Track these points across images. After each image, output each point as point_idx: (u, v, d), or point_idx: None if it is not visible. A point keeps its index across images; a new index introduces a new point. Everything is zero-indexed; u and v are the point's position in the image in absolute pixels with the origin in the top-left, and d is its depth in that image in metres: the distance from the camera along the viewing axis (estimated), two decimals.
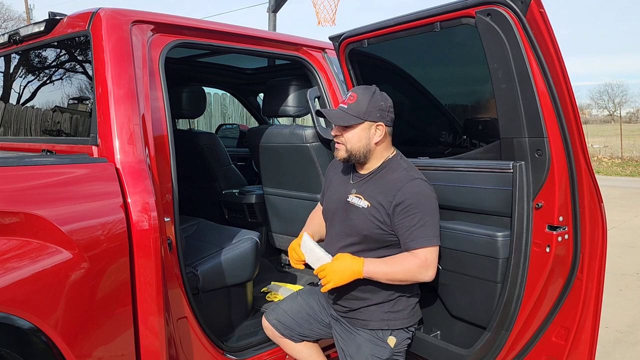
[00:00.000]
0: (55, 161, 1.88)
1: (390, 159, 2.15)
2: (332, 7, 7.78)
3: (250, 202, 3.56)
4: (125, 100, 1.95)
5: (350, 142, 2.07)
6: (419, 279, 2.01)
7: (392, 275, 2.00)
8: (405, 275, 1.99)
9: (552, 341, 2.16)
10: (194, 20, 2.41)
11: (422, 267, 1.97)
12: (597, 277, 2.11)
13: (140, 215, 1.83)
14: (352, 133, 2.07)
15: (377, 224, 2.04)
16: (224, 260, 2.54)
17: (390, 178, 2.08)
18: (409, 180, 2.03)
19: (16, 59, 2.67)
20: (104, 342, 1.77)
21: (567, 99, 1.90)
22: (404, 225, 1.99)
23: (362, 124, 2.06)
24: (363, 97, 2.06)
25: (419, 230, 1.98)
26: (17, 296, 1.55)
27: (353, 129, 2.06)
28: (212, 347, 2.27)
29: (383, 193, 2.05)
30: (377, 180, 2.11)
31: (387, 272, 1.99)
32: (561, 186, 1.95)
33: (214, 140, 3.81)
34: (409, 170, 2.09)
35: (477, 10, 1.93)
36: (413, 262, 1.97)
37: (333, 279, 1.98)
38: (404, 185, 2.02)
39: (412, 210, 1.99)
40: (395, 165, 2.12)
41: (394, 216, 2.01)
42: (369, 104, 2.05)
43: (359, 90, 2.11)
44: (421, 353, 2.36)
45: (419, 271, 1.98)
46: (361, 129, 2.06)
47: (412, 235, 1.98)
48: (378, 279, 2.00)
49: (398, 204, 2.00)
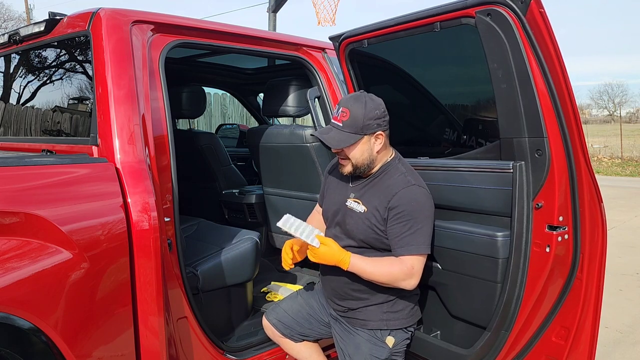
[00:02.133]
0: (55, 161, 1.88)
1: (389, 162, 2.13)
2: (332, 7, 7.78)
3: (250, 202, 3.56)
4: (125, 101, 1.95)
5: (354, 157, 2.04)
6: (401, 285, 2.00)
7: (374, 276, 2.00)
8: (387, 279, 1.99)
9: (552, 341, 2.16)
10: (194, 20, 2.41)
11: (407, 274, 1.97)
12: (597, 277, 2.11)
13: (140, 215, 1.83)
14: (354, 149, 2.03)
15: (373, 229, 2.04)
16: (224, 260, 2.54)
17: (388, 183, 2.07)
18: (406, 186, 2.02)
19: (16, 59, 2.67)
20: (104, 342, 1.77)
21: (567, 99, 1.90)
22: (395, 231, 1.99)
23: (362, 138, 2.02)
24: (356, 111, 2.00)
25: (409, 237, 1.97)
26: (17, 296, 1.55)
27: (355, 146, 2.03)
28: (212, 347, 2.27)
29: (379, 198, 2.05)
30: (375, 184, 2.11)
31: (370, 271, 1.99)
32: (561, 186, 1.95)
33: (214, 140, 3.81)
34: (407, 175, 2.07)
35: (477, 10, 1.93)
36: (399, 268, 1.97)
37: (316, 259, 2.01)
38: (400, 191, 2.01)
39: (405, 217, 1.98)
40: (393, 170, 2.11)
41: (388, 221, 2.01)
42: (364, 117, 1.99)
43: (349, 103, 2.03)
44: (421, 353, 2.36)
45: (402, 278, 1.97)
46: (362, 143, 2.03)
47: (402, 241, 1.98)
48: (361, 276, 2.01)
49: (392, 209, 2.00)
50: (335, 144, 2.02)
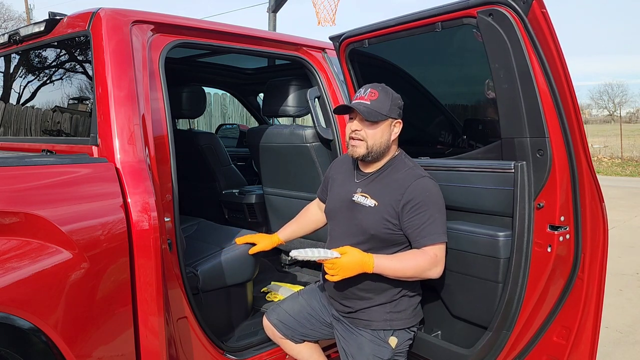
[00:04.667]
0: (55, 161, 1.88)
1: (395, 157, 2.16)
2: (332, 7, 7.77)
3: (250, 202, 3.55)
4: (125, 101, 1.95)
5: (373, 138, 2.06)
6: (428, 275, 2.02)
7: (402, 272, 2.00)
8: (414, 272, 2.00)
9: (553, 341, 2.16)
10: (194, 20, 2.40)
11: (432, 263, 1.99)
12: (598, 277, 2.10)
13: (141, 215, 1.82)
14: (377, 129, 2.07)
15: (385, 223, 2.04)
16: (224, 260, 2.53)
17: (397, 177, 2.09)
18: (416, 178, 2.05)
19: (16, 59, 2.66)
20: (104, 342, 1.77)
21: (569, 99, 1.90)
22: (414, 223, 2.00)
23: (386, 120, 2.07)
24: (384, 94, 2.08)
25: (429, 227, 1.99)
26: (17, 296, 1.55)
27: (378, 126, 2.06)
28: (212, 347, 2.26)
29: (390, 192, 2.06)
30: (382, 178, 2.12)
31: (397, 268, 2.00)
32: (562, 186, 1.95)
33: (214, 140, 3.81)
34: (415, 169, 2.10)
35: (478, 10, 1.93)
36: (423, 259, 1.98)
37: (340, 273, 1.96)
38: (412, 184, 2.03)
39: (421, 208, 2.00)
40: (400, 164, 2.13)
41: (403, 214, 2.02)
42: (392, 101, 2.08)
43: (379, 87, 2.10)
44: (422, 353, 2.36)
45: (428, 267, 1.99)
46: (385, 126, 2.08)
47: (423, 232, 2.00)
48: (387, 274, 2.01)
49: (407, 202, 2.01)
50: (367, 115, 2.04)
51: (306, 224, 2.52)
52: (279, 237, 2.51)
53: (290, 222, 2.58)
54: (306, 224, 2.52)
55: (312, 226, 2.51)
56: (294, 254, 2.03)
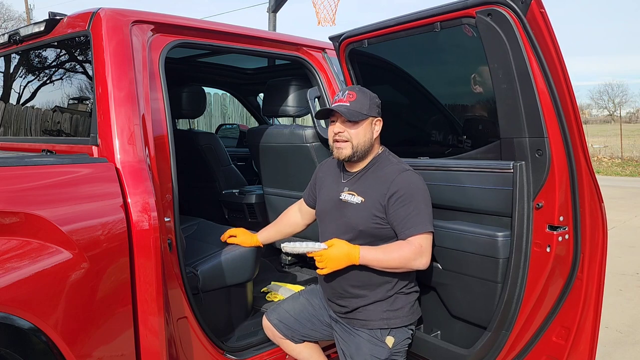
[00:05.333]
0: (55, 161, 1.88)
1: (380, 154, 2.21)
2: (332, 7, 7.77)
3: (250, 202, 3.55)
4: (125, 101, 1.95)
5: (357, 137, 2.11)
6: (414, 266, 2.03)
7: (387, 263, 2.03)
8: (400, 262, 2.03)
9: (552, 341, 2.16)
10: (194, 20, 2.41)
11: (417, 253, 2.01)
12: (597, 277, 2.10)
13: (141, 215, 1.82)
14: (359, 129, 2.12)
15: (373, 218, 2.07)
16: (224, 260, 2.53)
17: (382, 173, 2.13)
18: (401, 172, 2.10)
19: (16, 59, 2.67)
20: (104, 342, 1.77)
21: (568, 99, 1.90)
22: (399, 215, 2.04)
23: (366, 119, 2.12)
24: (362, 95, 2.14)
25: (414, 218, 2.03)
26: (17, 296, 1.55)
27: (360, 125, 2.11)
28: (212, 347, 2.27)
29: (376, 187, 2.10)
30: (368, 176, 2.16)
31: (382, 258, 2.03)
32: (561, 186, 1.95)
33: (214, 140, 3.81)
34: (399, 164, 2.16)
35: (477, 11, 1.93)
36: (408, 249, 2.01)
37: (329, 265, 2.02)
38: (396, 177, 2.08)
39: (406, 200, 2.04)
40: (384, 161, 2.18)
41: (389, 207, 2.05)
42: (370, 101, 2.14)
43: (355, 88, 2.18)
44: (421, 353, 2.36)
45: (413, 257, 2.01)
46: (366, 124, 2.13)
47: (409, 223, 2.03)
48: (373, 265, 2.04)
49: (392, 195, 2.05)
50: (348, 115, 2.09)
51: (283, 228, 2.58)
52: (258, 239, 2.56)
53: (269, 225, 2.64)
54: (283, 228, 2.58)
55: (288, 230, 2.57)
56: (284, 246, 2.14)
